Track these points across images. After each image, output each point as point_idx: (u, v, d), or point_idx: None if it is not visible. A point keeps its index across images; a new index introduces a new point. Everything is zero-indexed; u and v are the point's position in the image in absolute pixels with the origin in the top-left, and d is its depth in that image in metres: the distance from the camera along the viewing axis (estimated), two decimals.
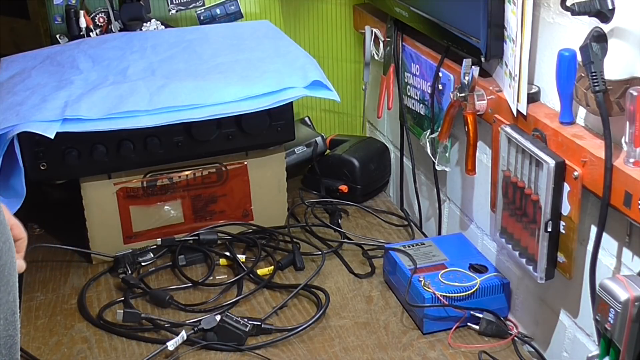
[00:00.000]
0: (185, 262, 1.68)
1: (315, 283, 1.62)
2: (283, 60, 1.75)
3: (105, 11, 1.98)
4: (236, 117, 1.63)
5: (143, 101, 1.55)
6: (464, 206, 1.74)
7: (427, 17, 1.65)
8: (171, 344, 1.39)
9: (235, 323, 1.42)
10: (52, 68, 1.73)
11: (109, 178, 1.65)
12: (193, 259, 1.69)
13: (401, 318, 1.53)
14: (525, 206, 1.35)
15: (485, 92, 1.47)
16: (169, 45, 1.85)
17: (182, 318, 1.50)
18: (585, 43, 1.12)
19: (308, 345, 1.45)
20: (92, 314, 1.53)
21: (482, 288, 1.49)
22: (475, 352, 1.42)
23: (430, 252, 1.60)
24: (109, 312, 1.53)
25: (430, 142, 1.71)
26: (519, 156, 1.35)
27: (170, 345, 1.39)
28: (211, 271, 1.65)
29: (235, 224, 1.77)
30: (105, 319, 1.50)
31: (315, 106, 2.26)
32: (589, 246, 1.25)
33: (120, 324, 1.47)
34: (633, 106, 1.07)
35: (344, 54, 2.24)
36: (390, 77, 1.89)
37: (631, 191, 1.09)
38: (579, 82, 1.18)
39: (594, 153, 1.17)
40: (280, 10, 2.16)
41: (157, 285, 1.62)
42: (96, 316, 1.51)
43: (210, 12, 2.06)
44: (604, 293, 1.09)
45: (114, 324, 1.49)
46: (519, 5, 1.28)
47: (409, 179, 1.96)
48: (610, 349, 1.12)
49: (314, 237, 1.79)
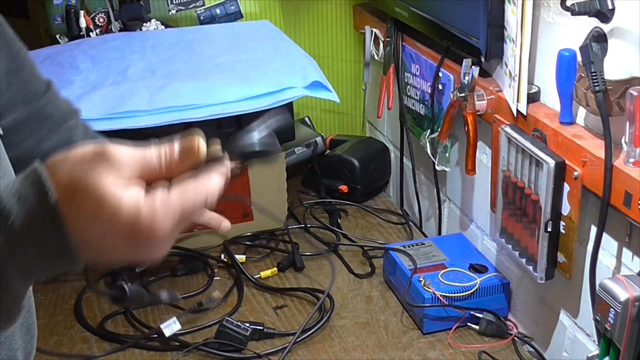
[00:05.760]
0: (184, 271, 1.68)
1: (315, 284, 1.63)
2: (283, 61, 1.75)
3: (105, 11, 1.98)
4: (236, 117, 1.63)
5: (143, 101, 1.55)
6: (464, 206, 1.74)
7: (427, 17, 1.65)
8: (165, 327, 1.39)
9: (236, 328, 1.42)
10: (52, 68, 1.73)
11: None
12: (192, 268, 1.69)
13: (401, 318, 1.53)
14: (525, 206, 1.35)
15: (485, 92, 1.47)
16: (169, 45, 1.85)
17: (182, 323, 1.49)
18: (585, 43, 1.12)
19: (308, 345, 1.45)
20: (90, 321, 1.52)
21: (482, 288, 1.49)
22: (475, 352, 1.42)
23: (430, 252, 1.60)
24: (110, 323, 1.53)
25: (430, 142, 1.71)
26: (519, 156, 1.35)
27: (165, 330, 1.39)
28: (211, 279, 1.65)
29: (235, 224, 1.77)
30: (105, 328, 1.50)
31: (315, 106, 2.26)
32: (589, 246, 1.25)
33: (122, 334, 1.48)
34: (633, 106, 1.07)
35: (344, 54, 2.23)
36: (390, 77, 1.89)
37: (631, 191, 1.09)
38: (579, 82, 1.18)
39: (594, 153, 1.17)
40: (280, 10, 2.16)
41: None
42: (97, 326, 1.51)
43: (210, 12, 2.06)
44: (604, 293, 1.09)
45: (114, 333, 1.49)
46: (519, 5, 1.28)
47: (409, 179, 1.96)
48: (610, 349, 1.12)
49: (313, 238, 1.80)
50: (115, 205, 0.59)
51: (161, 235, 0.61)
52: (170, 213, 0.61)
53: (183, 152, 0.62)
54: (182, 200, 0.61)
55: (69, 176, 0.60)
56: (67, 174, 0.60)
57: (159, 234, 0.61)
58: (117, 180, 0.60)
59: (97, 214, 0.59)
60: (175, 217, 0.61)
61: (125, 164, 0.61)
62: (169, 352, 1.42)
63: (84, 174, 0.59)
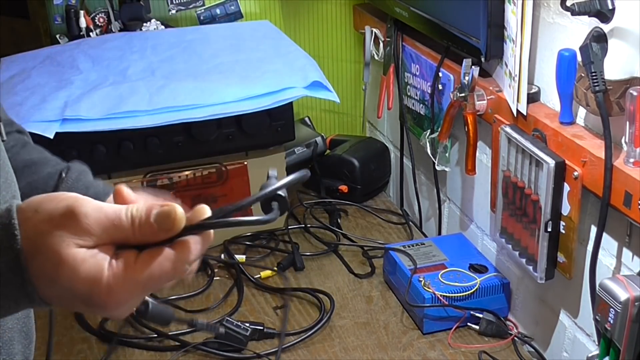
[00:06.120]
0: None
1: (315, 284, 1.63)
2: (283, 61, 1.75)
3: (105, 11, 1.98)
4: (236, 117, 1.63)
5: (143, 101, 1.55)
6: (464, 206, 1.74)
7: (427, 17, 1.65)
8: None
9: (236, 328, 1.42)
10: (52, 68, 1.73)
11: (109, 178, 1.65)
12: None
13: (401, 318, 1.53)
14: (525, 206, 1.35)
15: (485, 92, 1.47)
16: (169, 45, 1.85)
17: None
18: (585, 43, 1.12)
19: (308, 345, 1.45)
20: (90, 321, 1.52)
21: (482, 288, 1.49)
22: (475, 352, 1.42)
23: (430, 252, 1.60)
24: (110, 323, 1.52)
25: (430, 142, 1.71)
26: (519, 156, 1.35)
27: None
28: (211, 279, 1.65)
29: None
30: (105, 328, 1.50)
31: (315, 106, 2.25)
32: (589, 246, 1.25)
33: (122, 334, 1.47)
34: (633, 106, 1.07)
35: (344, 54, 2.23)
36: (390, 77, 1.89)
37: (631, 191, 1.09)
38: (579, 82, 1.18)
39: (594, 153, 1.17)
40: (280, 10, 2.16)
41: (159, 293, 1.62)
42: (97, 326, 1.51)
43: (210, 12, 2.06)
44: (604, 293, 1.09)
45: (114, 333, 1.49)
46: (519, 5, 1.28)
47: (409, 179, 1.96)
48: (610, 349, 1.12)
49: (313, 238, 1.80)
50: (73, 272, 0.59)
51: (119, 304, 0.61)
52: (131, 284, 0.60)
53: (158, 221, 0.60)
54: (147, 272, 0.60)
55: (35, 233, 0.60)
56: (34, 231, 0.60)
57: (117, 303, 0.60)
58: (80, 243, 0.59)
59: (56, 278, 0.59)
60: (136, 287, 0.60)
61: (93, 229, 0.60)
62: (168, 352, 1.42)
63: (49, 235, 0.59)
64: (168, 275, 0.61)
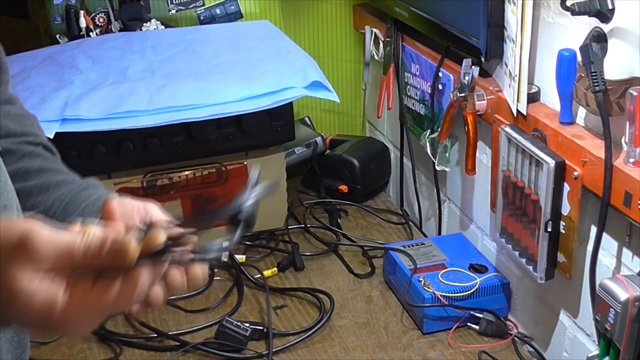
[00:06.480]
0: None
1: (315, 283, 1.63)
2: (283, 61, 1.75)
3: (105, 11, 1.98)
4: (236, 117, 1.63)
5: (143, 101, 1.55)
6: (464, 206, 1.74)
7: (427, 17, 1.65)
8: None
9: (236, 327, 1.42)
10: (52, 68, 1.73)
11: (108, 178, 1.65)
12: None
13: (401, 318, 1.53)
14: (525, 206, 1.35)
15: (485, 92, 1.47)
16: (169, 45, 1.85)
17: (182, 323, 1.51)
18: (585, 43, 1.12)
19: (308, 345, 1.45)
20: None
21: (482, 288, 1.49)
22: (475, 352, 1.42)
23: (430, 252, 1.60)
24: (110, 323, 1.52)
25: (430, 142, 1.71)
26: (519, 156, 1.35)
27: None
28: (211, 279, 1.65)
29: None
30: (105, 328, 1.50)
31: (315, 106, 2.25)
32: (589, 246, 1.25)
33: (122, 334, 1.47)
34: (633, 106, 1.07)
35: (344, 54, 2.23)
36: (390, 77, 1.89)
37: (631, 191, 1.09)
38: (579, 82, 1.18)
39: (594, 153, 1.17)
40: (280, 10, 2.16)
41: None
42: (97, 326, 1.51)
43: (210, 12, 2.06)
44: (604, 293, 1.09)
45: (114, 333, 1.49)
46: (519, 5, 1.28)
47: (409, 179, 1.96)
48: (610, 349, 1.12)
49: (313, 238, 1.80)
50: (28, 300, 0.59)
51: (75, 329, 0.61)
52: (86, 310, 0.60)
53: (110, 256, 0.60)
54: (102, 298, 0.60)
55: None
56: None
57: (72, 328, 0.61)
58: (33, 274, 0.59)
59: (10, 306, 0.60)
60: (91, 313, 0.61)
61: (47, 256, 0.59)
62: (168, 352, 1.43)
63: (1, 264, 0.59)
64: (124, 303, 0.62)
